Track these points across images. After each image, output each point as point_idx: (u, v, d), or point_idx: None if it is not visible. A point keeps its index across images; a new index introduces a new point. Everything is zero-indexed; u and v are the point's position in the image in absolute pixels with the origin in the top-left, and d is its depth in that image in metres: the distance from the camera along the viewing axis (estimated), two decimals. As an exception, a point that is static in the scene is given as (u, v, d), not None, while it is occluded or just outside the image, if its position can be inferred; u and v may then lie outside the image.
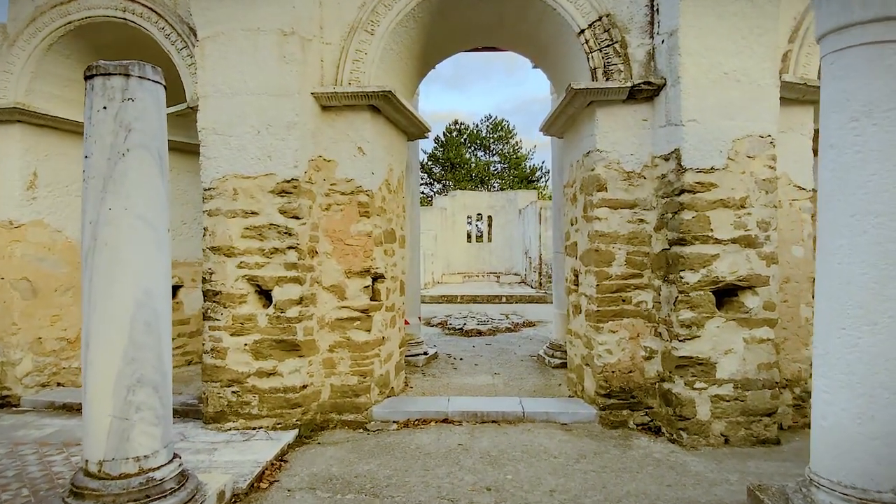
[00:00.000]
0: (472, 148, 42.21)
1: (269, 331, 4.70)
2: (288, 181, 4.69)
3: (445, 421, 4.98)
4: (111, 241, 2.76)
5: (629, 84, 4.74)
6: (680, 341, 4.49)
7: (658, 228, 4.81)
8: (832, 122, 2.74)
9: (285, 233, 4.68)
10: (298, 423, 4.73)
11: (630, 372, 4.93)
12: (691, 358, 4.47)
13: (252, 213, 4.72)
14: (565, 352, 7.16)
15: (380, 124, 5.28)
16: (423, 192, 39.61)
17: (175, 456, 3.04)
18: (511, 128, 42.37)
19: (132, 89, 2.83)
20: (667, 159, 4.69)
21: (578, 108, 5.19)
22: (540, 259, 18.39)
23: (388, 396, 5.48)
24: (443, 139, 41.43)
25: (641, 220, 4.93)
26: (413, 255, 7.56)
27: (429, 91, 76.42)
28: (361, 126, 5.06)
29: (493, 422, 4.96)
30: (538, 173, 41.20)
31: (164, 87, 3.04)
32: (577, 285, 5.59)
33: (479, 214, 25.73)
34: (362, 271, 5.05)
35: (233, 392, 4.76)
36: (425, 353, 7.49)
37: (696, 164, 4.46)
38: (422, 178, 41.07)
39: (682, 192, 4.47)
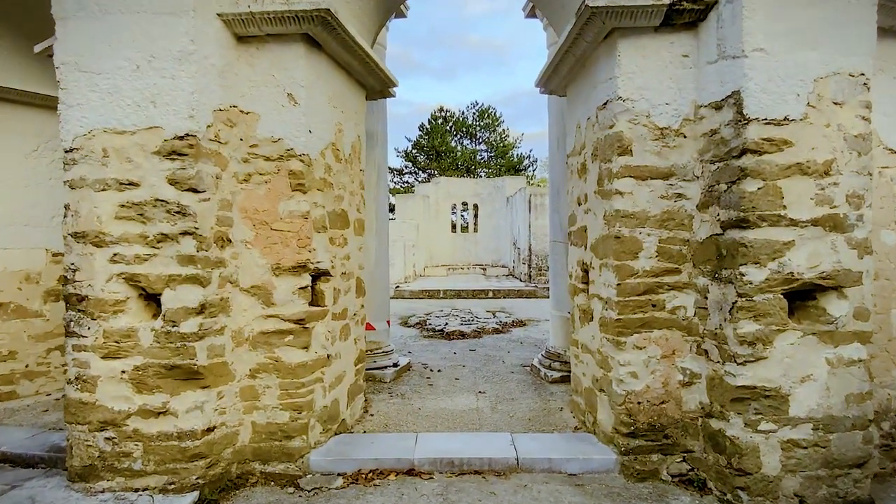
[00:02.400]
0: (458, 136, 40.84)
1: (156, 352, 3.29)
2: (181, 138, 3.26)
3: (411, 472, 3.62)
4: None
5: (666, 1, 3.38)
6: (738, 364, 3.18)
7: (704, 206, 3.47)
8: None
9: (178, 212, 3.27)
10: (201, 480, 3.34)
11: (662, 403, 3.61)
12: (754, 388, 3.16)
13: (130, 183, 3.29)
14: (565, 362, 5.84)
15: (321, 65, 3.86)
16: (407, 182, 38.16)
17: None
18: (498, 115, 41.08)
19: None
20: (719, 108, 3.34)
21: (592, 43, 3.82)
22: (529, 250, 17.08)
23: (336, 433, 4.11)
24: (428, 126, 39.96)
25: (679, 196, 3.59)
26: (380, 245, 6.16)
27: (417, 83, 74.65)
28: (293, 64, 3.64)
29: (477, 472, 3.61)
30: (525, 162, 39.98)
31: None
32: (587, 283, 4.25)
33: (464, 203, 24.32)
34: (296, 266, 3.66)
35: (107, 439, 3.36)
36: (395, 365, 6.12)
37: (765, 113, 3.12)
38: (406, 167, 39.66)
39: (744, 152, 3.14)
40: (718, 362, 3.35)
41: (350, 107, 4.44)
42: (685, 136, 3.58)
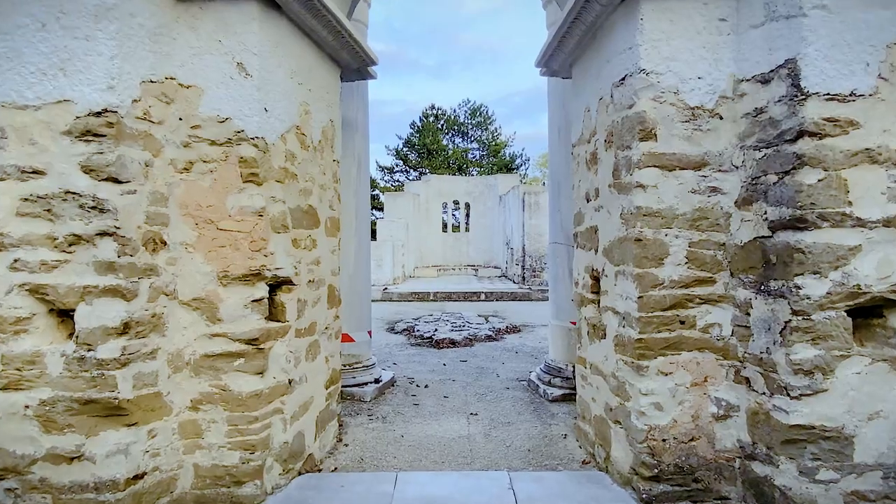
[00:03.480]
0: (450, 134, 40.23)
1: (67, 383, 2.63)
2: (97, 114, 2.59)
3: (388, 525, 2.98)
4: None
5: (703, -50, 2.76)
6: (792, 398, 2.57)
7: (746, 202, 2.86)
8: None
9: (94, 207, 2.60)
10: (124, 543, 2.68)
11: (692, 440, 2.99)
12: (812, 428, 2.56)
13: (34, 171, 2.62)
14: (567, 378, 5.23)
15: (280, 31, 3.20)
16: (398, 181, 37.45)
17: None
18: (490, 114, 40.52)
19: None
20: (766, 81, 2.73)
21: (607, 6, 3.19)
22: (523, 251, 16.47)
23: (302, 472, 3.45)
24: (419, 124, 39.30)
25: (714, 190, 2.97)
26: (361, 246, 5.50)
27: (411, 82, 73.96)
28: (243, 28, 2.98)
29: (468, 524, 2.98)
30: (518, 161, 39.42)
31: None
32: (598, 293, 3.63)
33: (455, 201, 23.68)
34: (248, 274, 3.00)
35: (7, 490, 2.68)
36: (376, 381, 5.47)
37: (827, 87, 2.52)
38: (397, 166, 38.99)
39: (801, 135, 2.53)
40: (764, 394, 2.73)
41: (320, 85, 3.78)
42: (721, 118, 2.96)
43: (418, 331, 9.23)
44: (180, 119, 2.96)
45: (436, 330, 9.20)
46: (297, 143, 3.39)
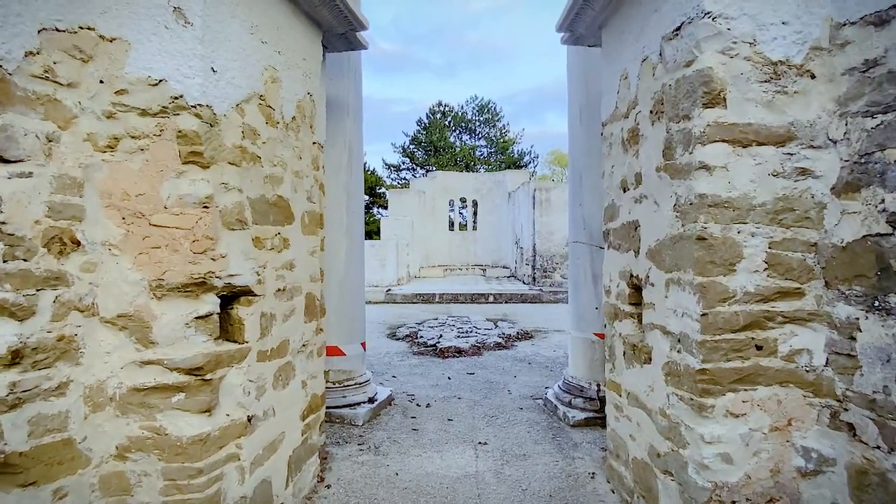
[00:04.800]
0: (457, 131, 39.59)
1: (-64, 431, 1.95)
2: (-29, 68, 1.91)
3: None
4: None
5: None
6: (928, 459, 1.83)
7: (850, 188, 2.13)
8: None
9: (-32, 195, 1.92)
10: None
11: (770, 502, 2.27)
12: (957, 501, 1.82)
13: None
14: (591, 399, 4.51)
15: (236, -28, 2.50)
16: (404, 179, 36.78)
17: None
18: (498, 110, 39.82)
19: None
20: (884, 21, 2.00)
21: (658, -66, 2.47)
22: (534, 250, 15.72)
23: (267, 528, 2.76)
24: (426, 122, 38.66)
25: (803, 172, 2.24)
26: (352, 246, 4.80)
27: (418, 81, 73.34)
28: (183, -38, 2.29)
29: None
30: (526, 158, 38.67)
31: None
32: (639, 305, 2.91)
33: (462, 199, 22.94)
34: (190, 284, 2.31)
35: None
36: (371, 400, 4.77)
37: (982, 22, 1.78)
38: (403, 164, 38.41)
39: (944, 91, 1.79)
40: (879, 448, 2.00)
41: (293, 48, 3.08)
42: (813, 76, 2.23)
43: (421, 337, 8.53)
44: (101, 82, 2.27)
45: (441, 336, 8.50)
46: (259, 118, 2.70)
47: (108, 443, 2.31)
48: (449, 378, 6.09)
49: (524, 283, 16.68)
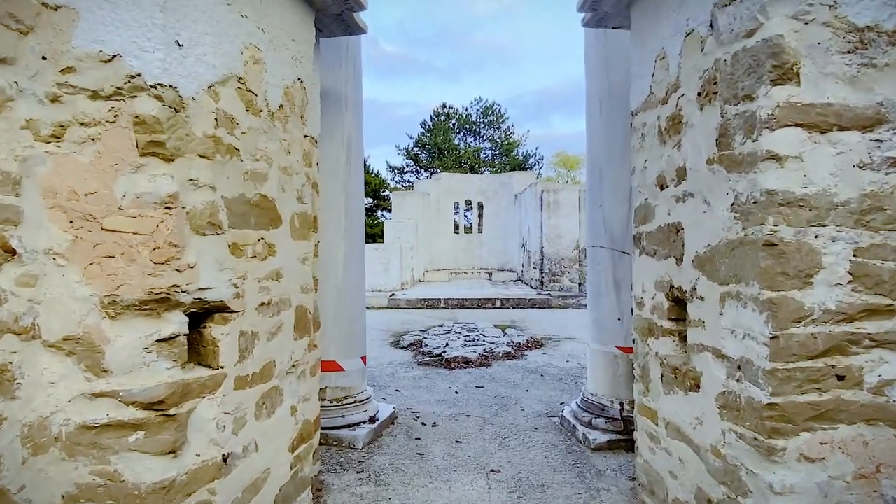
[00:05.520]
0: (462, 133, 39.25)
1: None
2: None
3: None
4: None
5: None
6: None
7: (962, 181, 1.72)
8: None
9: None
10: None
11: (856, 566, 1.86)
12: None
13: None
14: (613, 419, 4.11)
15: (209, -70, 2.12)
16: (408, 181, 36.42)
17: None
18: (502, 112, 39.46)
19: None
20: None
21: None
22: (541, 253, 15.29)
23: (248, 583, 2.36)
24: (430, 124, 38.35)
25: (895, 163, 1.84)
26: (351, 250, 4.41)
27: (422, 84, 73.24)
28: (141, -87, 1.91)
29: None
30: (532, 160, 38.28)
31: None
32: (682, 322, 2.50)
33: (467, 201, 22.52)
34: (150, 300, 1.92)
35: None
36: (372, 420, 4.38)
37: None
38: (407, 166, 38.09)
39: None
40: None
41: (281, 27, 2.69)
42: (909, 45, 1.82)
43: (427, 346, 8.13)
44: (44, 59, 1.89)
45: (447, 345, 8.10)
46: (238, 104, 2.31)
47: (53, 492, 1.92)
48: (456, 392, 5.68)
49: (532, 287, 16.25)
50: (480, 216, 22.48)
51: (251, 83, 2.40)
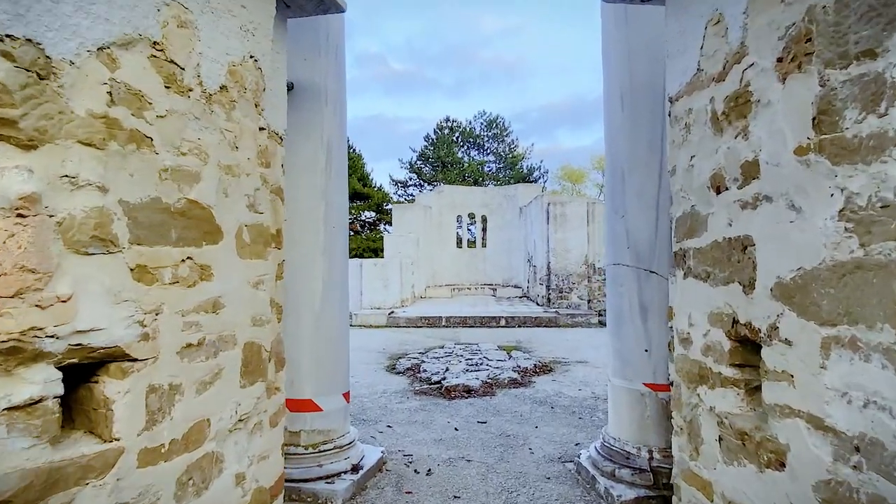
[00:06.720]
0: (465, 146, 38.90)
1: None
2: None
3: None
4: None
5: None
6: None
7: None
8: None
9: None
10: None
11: None
12: None
13: None
14: (641, 470, 3.45)
15: None
16: (410, 195, 35.94)
17: None
18: (506, 125, 39.14)
19: None
20: None
21: None
22: (548, 269, 14.63)
23: None
24: (433, 137, 38.01)
25: None
26: (333, 268, 3.79)
27: (429, 99, 73.38)
28: None
29: None
30: (536, 174, 37.78)
31: None
32: (756, 370, 1.86)
33: (470, 214, 21.94)
34: (-3, 350, 1.30)
35: None
36: (356, 469, 3.72)
37: None
38: (410, 179, 37.69)
39: None
40: None
41: (225, -13, 2.11)
42: None
43: (425, 371, 7.47)
44: None
45: (447, 370, 7.43)
46: (153, 77, 1.72)
47: None
48: (456, 429, 5.01)
49: (538, 304, 15.56)
50: (484, 230, 21.88)
51: (173, 52, 1.81)
